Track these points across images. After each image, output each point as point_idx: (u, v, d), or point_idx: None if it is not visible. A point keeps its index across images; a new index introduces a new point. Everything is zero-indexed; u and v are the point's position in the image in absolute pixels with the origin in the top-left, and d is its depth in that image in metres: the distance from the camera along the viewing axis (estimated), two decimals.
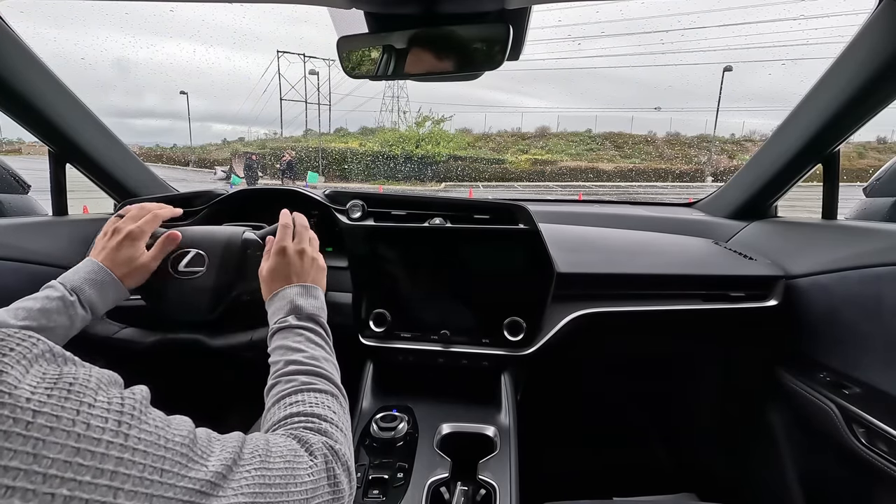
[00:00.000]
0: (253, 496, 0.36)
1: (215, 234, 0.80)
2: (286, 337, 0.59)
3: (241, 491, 0.35)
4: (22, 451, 0.24)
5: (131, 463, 0.29)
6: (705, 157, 20.09)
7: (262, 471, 0.37)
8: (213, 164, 20.59)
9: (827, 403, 0.91)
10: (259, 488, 0.36)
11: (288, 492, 0.38)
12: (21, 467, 0.24)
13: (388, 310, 1.05)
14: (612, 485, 1.46)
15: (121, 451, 0.29)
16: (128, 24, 77.64)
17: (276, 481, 0.38)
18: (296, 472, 0.40)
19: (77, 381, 0.29)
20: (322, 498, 0.42)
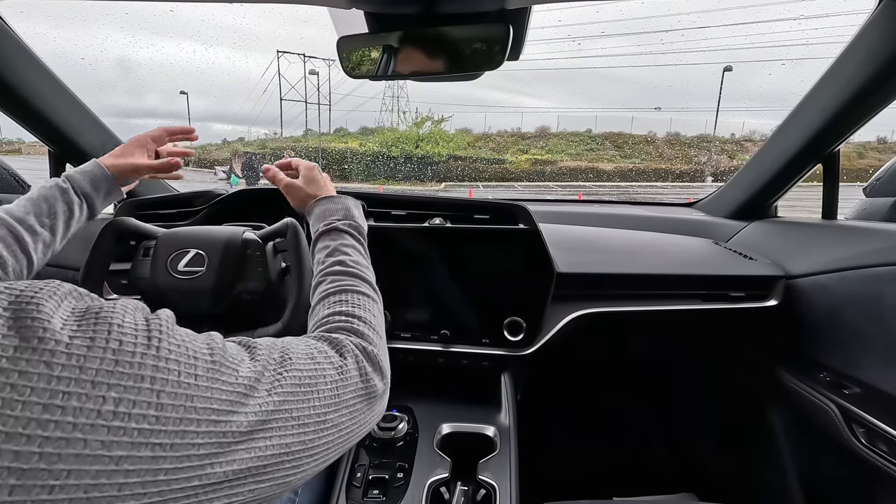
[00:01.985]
0: (284, 395, 0.37)
1: (215, 234, 0.79)
2: (335, 238, 0.64)
3: (273, 391, 0.37)
4: (66, 376, 0.26)
5: (167, 370, 0.31)
6: (705, 157, 20.08)
7: (291, 372, 0.39)
8: (212, 164, 20.57)
9: (827, 403, 0.91)
10: (290, 388, 0.38)
11: (318, 390, 0.40)
12: (68, 390, 0.26)
13: (388, 310, 1.04)
14: (612, 485, 1.46)
15: (155, 360, 0.30)
16: (128, 24, 77.50)
17: (305, 381, 0.39)
18: (324, 371, 0.42)
19: (103, 310, 0.31)
20: (353, 396, 0.43)
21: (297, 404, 0.38)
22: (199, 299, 0.76)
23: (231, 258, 0.77)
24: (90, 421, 0.26)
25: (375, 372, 0.47)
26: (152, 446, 0.28)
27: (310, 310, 0.56)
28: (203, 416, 0.31)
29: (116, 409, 0.27)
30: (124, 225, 0.78)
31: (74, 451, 0.25)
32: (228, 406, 0.33)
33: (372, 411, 0.46)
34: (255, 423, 0.34)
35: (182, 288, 0.76)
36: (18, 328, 0.26)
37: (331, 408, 0.41)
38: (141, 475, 0.28)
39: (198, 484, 0.31)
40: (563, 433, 1.60)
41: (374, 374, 0.47)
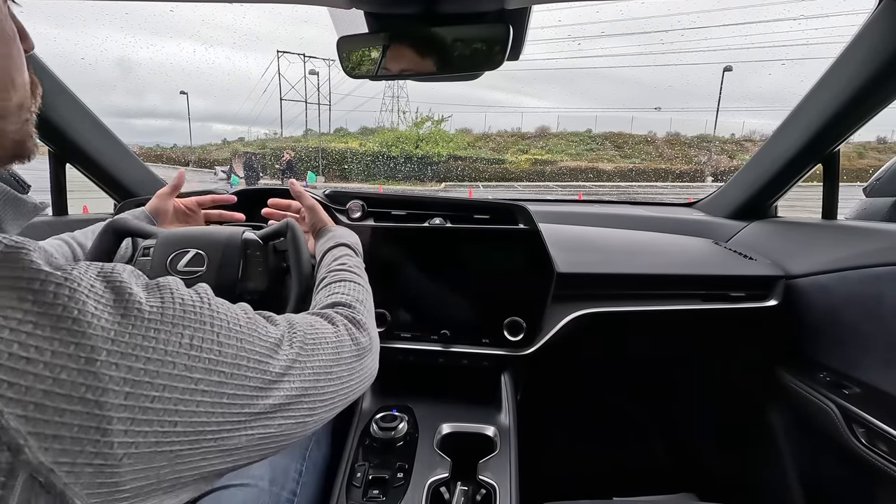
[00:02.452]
0: (299, 351, 0.46)
1: (215, 234, 0.79)
2: (342, 251, 0.76)
3: (292, 347, 0.46)
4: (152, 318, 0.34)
5: (220, 318, 0.39)
6: (705, 157, 20.10)
7: (300, 335, 0.48)
8: (213, 164, 20.59)
9: (827, 403, 0.91)
10: (301, 346, 0.47)
11: (321, 349, 0.49)
12: (156, 327, 0.34)
13: (388, 310, 1.05)
14: (612, 485, 1.46)
15: (210, 311, 0.39)
16: (128, 24, 77.60)
17: (310, 342, 0.48)
18: (324, 335, 0.51)
19: (160, 281, 0.39)
20: (348, 354, 0.53)
21: (308, 359, 0.47)
22: None
23: (231, 258, 0.77)
24: (175, 349, 0.34)
25: (361, 332, 0.57)
26: (218, 373, 0.37)
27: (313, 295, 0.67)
28: (251, 356, 0.40)
29: (191, 342, 0.36)
30: (124, 224, 0.78)
31: (167, 370, 0.34)
32: (267, 352, 0.42)
33: (364, 365, 0.56)
34: (284, 369, 0.43)
35: None
36: (112, 290, 0.34)
37: (333, 362, 0.50)
38: (211, 396, 0.36)
39: (248, 412, 0.39)
40: (563, 433, 1.60)
41: (360, 333, 0.57)
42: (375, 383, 1.04)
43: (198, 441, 0.35)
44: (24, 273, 0.29)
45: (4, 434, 0.26)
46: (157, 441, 0.33)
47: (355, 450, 0.87)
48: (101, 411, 0.30)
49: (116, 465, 0.30)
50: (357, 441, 0.89)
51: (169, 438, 0.33)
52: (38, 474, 0.27)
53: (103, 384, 0.30)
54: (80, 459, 0.29)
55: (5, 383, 0.27)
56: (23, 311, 0.28)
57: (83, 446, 0.29)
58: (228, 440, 0.38)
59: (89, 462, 0.29)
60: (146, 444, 0.32)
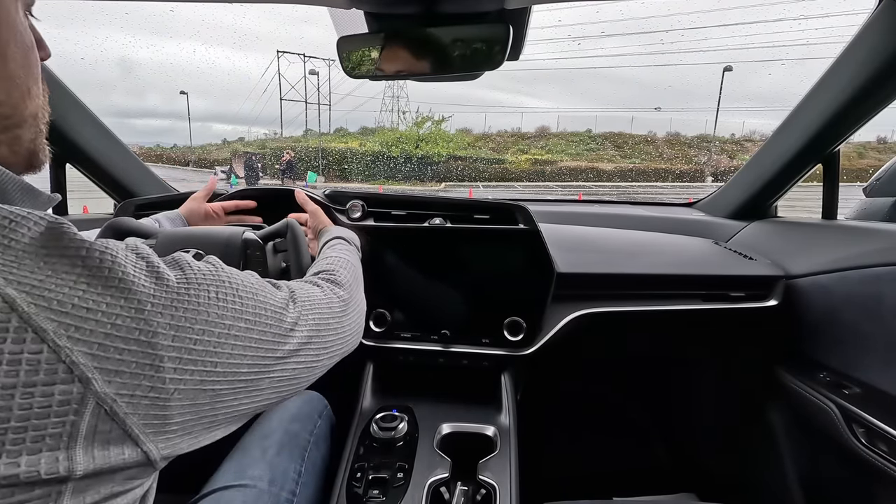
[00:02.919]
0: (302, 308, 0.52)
1: (215, 234, 0.79)
2: (340, 243, 0.83)
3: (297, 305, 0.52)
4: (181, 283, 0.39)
5: (237, 279, 0.44)
6: (705, 157, 20.09)
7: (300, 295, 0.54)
8: (213, 164, 20.60)
9: (827, 403, 0.91)
10: (303, 304, 0.53)
11: (317, 305, 0.56)
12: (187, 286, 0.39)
13: (388, 310, 1.05)
14: (612, 485, 1.46)
15: (226, 274, 0.44)
16: (128, 24, 77.57)
17: (307, 300, 0.55)
18: (315, 295, 0.58)
19: (174, 257, 0.42)
20: (337, 307, 0.60)
21: (309, 313, 0.53)
22: None
23: (231, 258, 0.77)
24: (205, 302, 0.39)
25: (341, 289, 0.64)
26: (245, 320, 0.42)
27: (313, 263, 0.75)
28: (267, 308, 0.46)
29: (217, 296, 0.41)
30: (124, 225, 0.78)
31: (203, 317, 0.39)
32: (279, 305, 0.48)
33: (350, 319, 0.62)
34: (295, 319, 0.49)
35: None
36: (145, 261, 0.38)
37: (328, 315, 0.57)
38: (242, 340, 0.42)
39: (272, 356, 0.45)
40: (563, 433, 1.60)
41: (341, 290, 0.64)
42: (375, 383, 1.05)
43: (233, 382, 0.41)
44: (71, 243, 0.34)
45: (76, 368, 0.31)
46: (202, 380, 0.38)
47: (355, 450, 0.87)
48: (153, 350, 0.35)
49: (168, 398, 0.35)
50: (357, 441, 0.89)
51: (211, 378, 0.39)
52: (103, 403, 0.32)
53: (153, 328, 0.35)
54: (138, 392, 0.34)
55: (73, 327, 0.31)
56: (76, 274, 0.33)
57: (140, 381, 0.34)
58: (257, 381, 0.44)
59: (145, 395, 0.34)
60: (192, 382, 0.37)
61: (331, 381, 0.88)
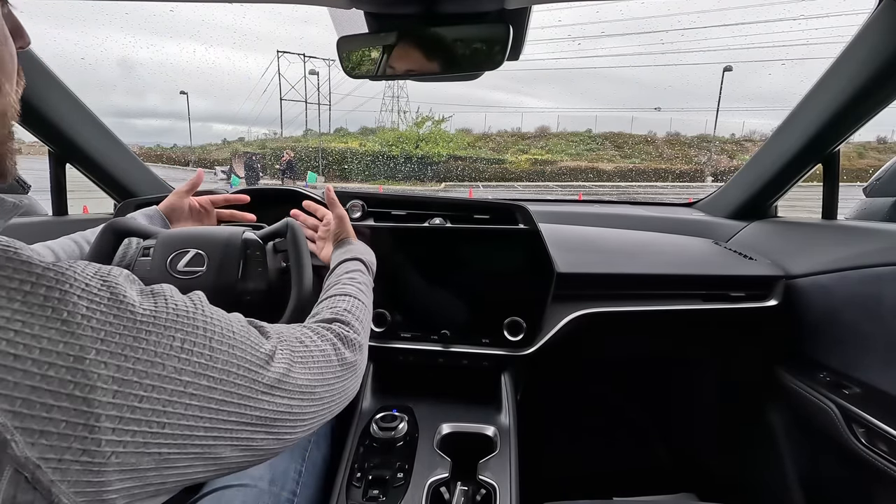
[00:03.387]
0: (288, 367, 0.46)
1: (215, 234, 0.79)
2: (357, 266, 0.77)
3: (282, 361, 0.46)
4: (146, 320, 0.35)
5: (213, 324, 0.40)
6: (705, 157, 20.09)
7: (289, 351, 0.48)
8: (213, 164, 20.59)
9: (827, 403, 0.91)
10: (290, 363, 0.47)
11: (307, 367, 0.49)
12: (148, 329, 0.34)
13: (388, 310, 1.05)
14: (612, 485, 1.46)
15: (203, 316, 0.39)
16: (128, 24, 77.64)
17: (298, 360, 0.48)
18: (312, 354, 0.51)
19: (154, 288, 0.39)
20: (332, 372, 0.53)
21: (296, 376, 0.46)
22: None
23: (231, 258, 0.77)
24: (165, 351, 0.35)
25: (350, 350, 0.57)
26: (208, 377, 0.37)
27: (316, 303, 0.68)
28: (242, 364, 0.40)
29: (182, 345, 0.36)
30: (124, 225, 0.78)
31: (156, 371, 0.34)
32: (258, 360, 0.42)
33: (345, 385, 0.55)
34: (274, 381, 0.43)
35: (182, 288, 0.75)
36: (109, 290, 0.34)
37: (317, 382, 0.50)
38: (199, 400, 0.36)
39: (235, 420, 0.39)
40: (563, 433, 1.59)
41: (349, 352, 0.57)
42: (375, 383, 1.05)
43: (185, 446, 0.35)
44: (15, 273, 0.30)
45: None
46: (146, 442, 0.32)
47: (355, 450, 0.87)
48: (88, 408, 0.30)
49: (104, 463, 0.30)
50: (357, 441, 0.89)
51: (157, 440, 0.33)
52: (24, 469, 0.27)
53: (91, 381, 0.30)
54: (68, 456, 0.29)
55: None
56: (12, 309, 0.29)
57: (70, 443, 0.29)
58: (214, 448, 0.38)
59: (76, 459, 0.29)
60: (134, 444, 0.32)
61: None
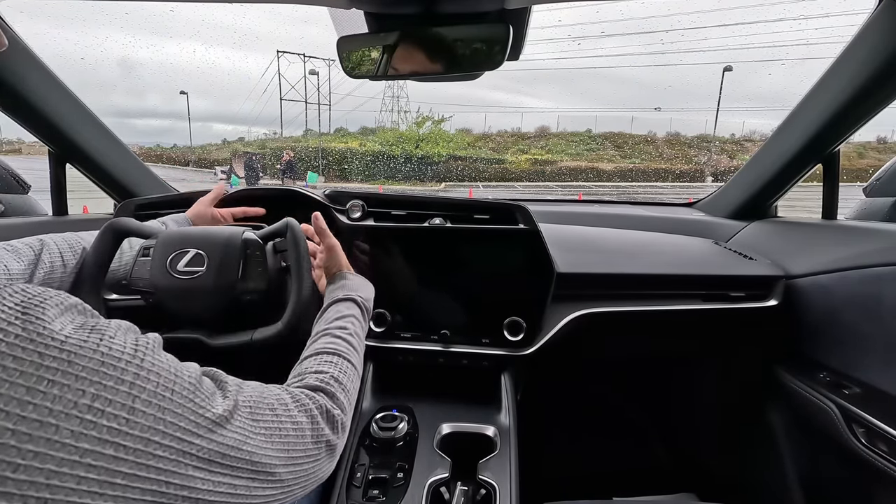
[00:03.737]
0: (243, 439, 0.39)
1: (215, 234, 0.79)
2: (350, 308, 0.70)
3: (235, 432, 0.39)
4: (54, 367, 0.29)
5: (146, 379, 0.33)
6: (705, 157, 20.08)
7: (250, 419, 0.41)
8: (213, 164, 20.60)
9: (827, 403, 0.91)
10: (247, 433, 0.40)
11: (272, 441, 0.42)
12: (53, 379, 0.29)
13: (388, 310, 1.05)
14: (612, 485, 1.46)
15: (137, 369, 0.33)
16: (128, 24, 77.53)
17: (261, 431, 0.41)
18: (282, 425, 0.44)
19: (99, 325, 0.34)
20: (302, 455, 0.45)
21: (253, 448, 0.40)
22: (199, 299, 0.76)
23: (231, 258, 0.77)
24: (66, 409, 0.29)
25: (332, 430, 0.50)
26: (116, 446, 0.30)
27: (300, 357, 0.60)
28: (170, 431, 0.34)
29: (92, 403, 0.30)
30: (124, 225, 0.78)
31: (45, 434, 0.28)
32: (195, 429, 0.35)
33: (317, 467, 0.48)
34: (214, 455, 0.36)
35: (182, 288, 0.76)
36: (24, 322, 0.29)
37: (280, 461, 0.42)
38: (100, 473, 0.30)
39: (150, 500, 0.32)
40: (563, 433, 1.59)
41: (330, 431, 0.49)
42: (375, 383, 1.05)
43: None
44: None
45: None
46: None
47: (355, 450, 0.87)
48: None
49: None
50: (357, 441, 0.89)
51: None
52: None
53: None
54: None
55: None
56: None
57: None
58: None
59: None
60: None
61: None
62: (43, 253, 0.70)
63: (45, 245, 0.71)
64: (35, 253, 0.69)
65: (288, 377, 0.56)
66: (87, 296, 0.74)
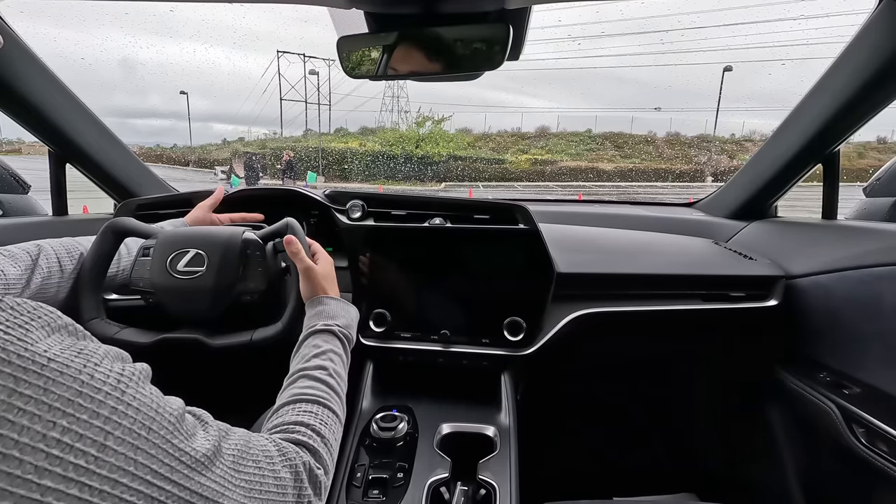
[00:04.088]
0: (222, 488, 0.38)
1: (215, 234, 0.79)
2: (328, 341, 0.65)
3: (214, 482, 0.37)
4: (28, 394, 0.28)
5: (124, 414, 0.32)
6: (705, 157, 20.08)
7: (233, 469, 0.39)
8: (213, 164, 20.61)
9: (827, 403, 0.91)
10: (227, 484, 0.38)
11: (251, 497, 0.40)
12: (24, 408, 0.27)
13: (388, 310, 1.05)
14: (612, 485, 1.46)
15: (116, 402, 0.32)
16: (128, 25, 77.67)
17: (242, 483, 0.40)
18: (263, 479, 0.42)
19: (87, 348, 0.33)
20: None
21: (228, 501, 0.38)
22: (199, 299, 0.76)
23: (231, 258, 0.77)
24: (32, 442, 0.27)
25: (312, 487, 0.47)
26: (81, 486, 0.29)
27: (274, 406, 0.55)
28: (140, 473, 0.32)
29: (62, 437, 0.28)
30: (124, 224, 0.78)
31: (7, 468, 0.26)
32: (168, 473, 0.34)
33: None
34: (191, 496, 0.35)
35: (182, 288, 0.76)
36: (4, 343, 0.28)
37: None
38: None
39: None
40: (563, 433, 1.59)
41: (310, 487, 0.47)
42: (375, 383, 1.05)
43: None
44: None
45: None
46: None
47: (355, 450, 0.87)
48: None
49: None
50: (357, 441, 0.89)
51: None
52: None
53: None
54: None
55: None
56: None
57: None
58: None
59: None
60: None
61: None
62: (40, 258, 0.69)
63: (42, 250, 0.70)
64: (32, 258, 0.68)
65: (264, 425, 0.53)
66: (87, 295, 0.74)
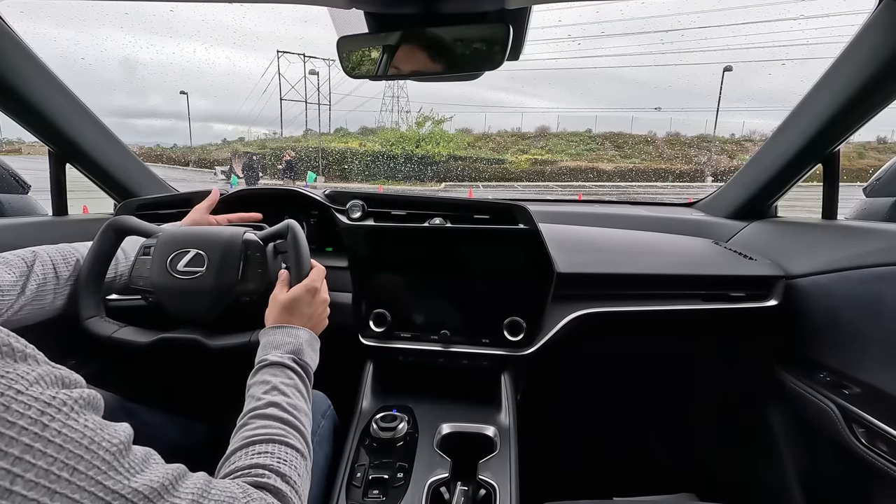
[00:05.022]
0: None
1: (215, 235, 0.79)
2: (276, 375, 0.59)
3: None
4: None
5: (40, 453, 0.29)
6: (705, 157, 20.07)
7: None
8: (213, 164, 20.61)
9: (827, 403, 0.91)
10: None
11: None
12: None
13: (388, 310, 1.05)
14: (613, 485, 1.46)
15: (32, 439, 0.29)
16: (128, 25, 77.74)
17: None
18: None
19: (17, 371, 0.30)
20: None
21: None
22: (199, 300, 0.76)
23: (231, 259, 0.77)
24: None
25: None
26: None
27: (227, 453, 0.50)
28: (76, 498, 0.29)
29: None
30: (124, 224, 0.78)
31: None
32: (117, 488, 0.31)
33: None
34: None
35: (182, 288, 0.76)
36: None
37: None
38: None
39: None
40: (563, 433, 1.60)
41: None
42: (375, 383, 1.05)
43: None
44: None
45: None
46: None
47: (355, 450, 0.87)
48: None
49: None
50: (357, 441, 0.89)
51: None
52: None
53: None
54: None
55: None
56: None
57: None
58: None
59: None
60: None
61: (330, 382, 0.88)
62: (35, 264, 0.68)
63: (38, 256, 0.69)
64: (27, 264, 0.67)
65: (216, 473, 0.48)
66: (86, 293, 0.74)
